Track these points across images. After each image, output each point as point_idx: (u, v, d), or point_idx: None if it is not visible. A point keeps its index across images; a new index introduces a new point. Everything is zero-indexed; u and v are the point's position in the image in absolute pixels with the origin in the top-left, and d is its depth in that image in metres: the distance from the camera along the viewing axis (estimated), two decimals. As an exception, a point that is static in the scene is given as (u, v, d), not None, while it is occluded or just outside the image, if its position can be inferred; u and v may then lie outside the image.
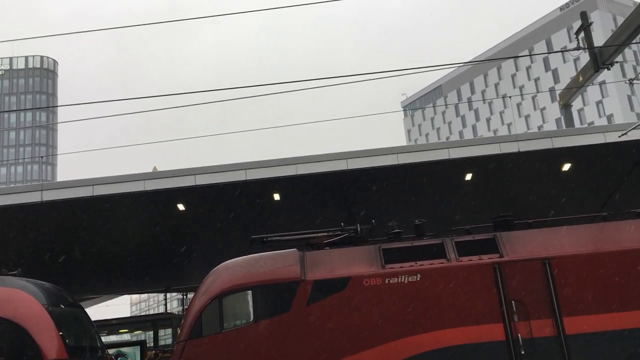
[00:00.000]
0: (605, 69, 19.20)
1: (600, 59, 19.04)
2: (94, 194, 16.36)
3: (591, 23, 20.37)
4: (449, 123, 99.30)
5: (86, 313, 11.41)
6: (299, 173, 16.55)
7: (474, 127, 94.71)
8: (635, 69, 76.89)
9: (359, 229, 10.01)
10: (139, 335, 22.44)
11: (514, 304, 8.73)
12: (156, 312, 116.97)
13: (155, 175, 17.21)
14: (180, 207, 18.02)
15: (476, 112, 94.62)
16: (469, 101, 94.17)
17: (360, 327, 8.77)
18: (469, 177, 17.83)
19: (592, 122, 75.96)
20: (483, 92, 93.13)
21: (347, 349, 8.70)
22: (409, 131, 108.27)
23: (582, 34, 20.34)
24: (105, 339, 20.83)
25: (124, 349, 15.89)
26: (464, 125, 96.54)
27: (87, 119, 11.71)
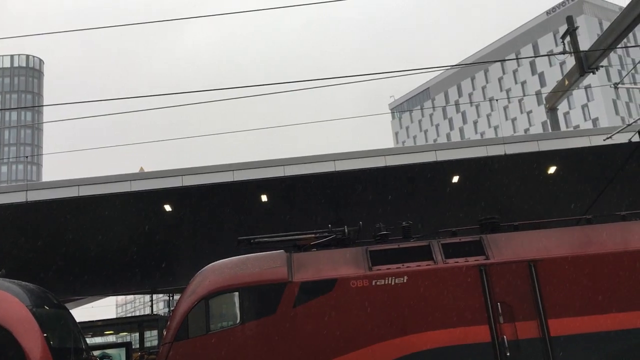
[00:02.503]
0: (591, 73, 19.41)
1: (586, 63, 19.24)
2: (80, 195, 16.23)
3: (577, 27, 20.59)
4: (437, 125, 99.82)
5: (71, 314, 11.30)
6: (286, 174, 16.54)
7: (461, 130, 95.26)
8: (620, 73, 77.76)
9: (346, 230, 10.02)
10: (124, 336, 22.27)
11: (499, 306, 8.79)
12: (142, 313, 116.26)
13: (142, 175, 17.12)
14: (167, 208, 17.93)
15: (463, 114, 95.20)
16: (457, 104, 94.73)
17: (347, 329, 8.77)
18: (455, 179, 17.93)
19: (578, 126, 76.70)
20: (470, 95, 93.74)
21: (333, 351, 8.70)
22: (396, 133, 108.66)
23: (568, 38, 20.54)
24: (90, 340, 20.66)
25: (109, 351, 15.76)
26: (451, 128, 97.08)
27: (72, 119, 11.61)
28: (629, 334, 8.57)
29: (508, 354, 8.57)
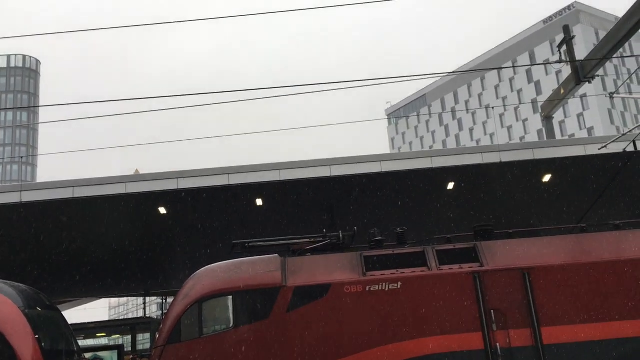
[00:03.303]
0: (587, 82, 19.50)
1: (582, 73, 19.33)
2: (74, 196, 16.18)
3: (573, 37, 20.69)
4: (433, 132, 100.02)
5: (63, 316, 11.25)
6: (282, 179, 16.54)
7: (457, 137, 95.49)
8: (615, 82, 78.12)
9: (341, 235, 10.02)
10: (116, 339, 22.17)
11: (493, 313, 8.79)
12: (135, 316, 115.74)
13: (137, 178, 17.07)
14: (162, 210, 17.90)
15: (459, 121, 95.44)
16: (453, 111, 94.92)
17: (340, 335, 8.75)
18: (451, 186, 17.96)
19: (573, 134, 76.99)
20: (467, 102, 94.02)
21: (326, 356, 8.68)
22: (392, 139, 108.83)
23: (564, 47, 20.64)
24: (82, 342, 20.54)
25: (101, 353, 15.67)
26: (447, 135, 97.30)
27: (67, 120, 11.57)
28: (622, 343, 8.59)
29: (501, 362, 8.57)
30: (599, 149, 15.28)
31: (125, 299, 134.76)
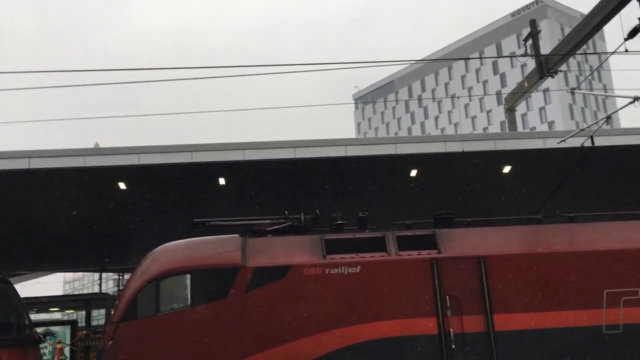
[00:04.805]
0: (550, 77, 19.88)
1: (546, 67, 19.69)
2: (30, 167, 15.73)
3: (539, 31, 21.00)
4: (399, 119, 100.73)
5: (15, 289, 10.99)
6: (246, 159, 16.41)
7: (422, 124, 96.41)
8: (577, 78, 79.96)
9: (302, 218, 10.03)
10: (70, 314, 21.83)
11: (448, 299, 8.96)
12: (90, 292, 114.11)
13: (97, 151, 16.70)
14: (122, 186, 17.57)
15: (425, 109, 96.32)
16: (419, 99, 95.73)
17: (298, 316, 8.80)
18: (414, 173, 18.13)
19: (534, 127, 78.64)
20: (433, 91, 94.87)
21: (284, 336, 8.73)
22: (359, 124, 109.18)
23: (530, 41, 20.95)
24: (35, 317, 20.16)
25: (54, 328, 15.42)
26: (412, 122, 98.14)
27: (22, 89, 11.20)
28: (571, 332, 8.88)
29: (453, 347, 8.77)
30: (558, 143, 15.62)
31: (80, 274, 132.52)
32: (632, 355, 8.84)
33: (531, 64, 22.95)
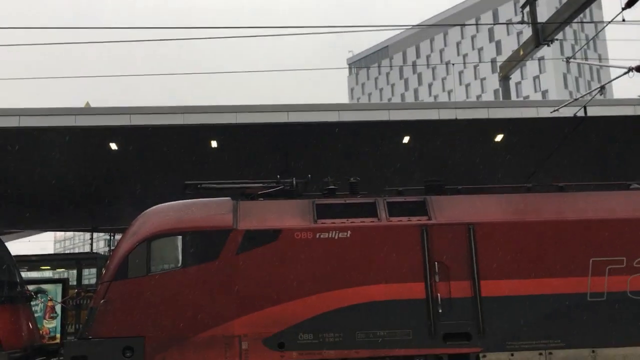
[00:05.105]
0: (546, 45, 19.77)
1: (542, 35, 19.56)
2: (20, 125, 15.57)
3: (537, -2, 20.79)
4: (392, 85, 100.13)
5: (6, 247, 11.03)
6: (238, 122, 16.32)
7: (415, 91, 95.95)
8: (573, 47, 79.50)
9: (294, 182, 10.05)
10: (61, 273, 21.95)
11: (436, 265, 9.09)
12: (81, 251, 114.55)
13: (88, 111, 16.54)
14: (113, 146, 17.47)
15: (419, 76, 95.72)
16: (414, 65, 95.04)
17: (288, 279, 8.91)
18: (406, 139, 18.13)
19: (528, 96, 78.48)
20: (428, 57, 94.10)
21: (273, 298, 8.85)
22: (352, 89, 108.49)
23: (527, 8, 20.74)
24: (26, 275, 20.25)
25: (45, 286, 15.51)
26: (406, 89, 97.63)
27: (10, 45, 11.01)
28: (555, 298, 9.06)
29: (440, 311, 8.93)
30: (551, 112, 15.61)
31: (71, 233, 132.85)
32: (614, 321, 9.05)
33: (527, 32, 22.77)
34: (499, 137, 18.31)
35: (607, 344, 8.97)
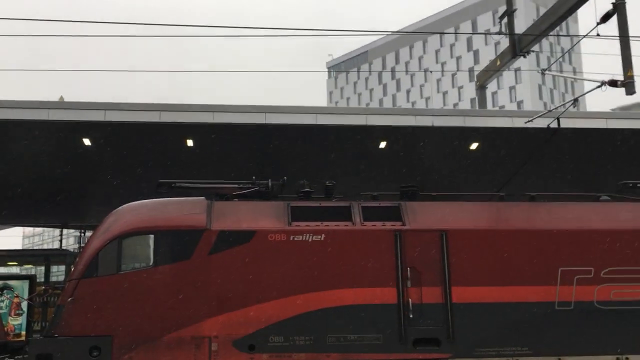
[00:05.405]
0: (522, 57, 20.05)
1: (519, 46, 19.82)
2: (-9, 118, 15.26)
3: (515, 10, 21.04)
4: (371, 90, 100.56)
5: (-28, 242, 10.76)
6: (215, 121, 16.22)
7: (394, 97, 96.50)
8: (549, 59, 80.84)
9: (269, 184, 10.02)
10: (29, 269, 21.50)
11: (409, 271, 9.13)
12: (50, 247, 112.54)
13: (62, 105, 16.27)
14: (86, 142, 17.21)
15: (398, 82, 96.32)
16: (393, 71, 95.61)
17: (261, 280, 8.86)
18: (383, 145, 18.23)
19: (504, 106, 79.54)
20: (407, 64, 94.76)
21: (245, 300, 8.79)
22: (331, 93, 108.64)
23: (505, 19, 21.01)
24: (-8, 270, 19.81)
25: (12, 282, 15.19)
26: (384, 94, 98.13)
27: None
28: (525, 307, 9.17)
29: (411, 316, 8.98)
30: (525, 123, 15.85)
31: (41, 229, 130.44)
32: (581, 330, 9.20)
33: (505, 43, 23.08)
34: (474, 145, 18.52)
35: (573, 352, 9.12)
